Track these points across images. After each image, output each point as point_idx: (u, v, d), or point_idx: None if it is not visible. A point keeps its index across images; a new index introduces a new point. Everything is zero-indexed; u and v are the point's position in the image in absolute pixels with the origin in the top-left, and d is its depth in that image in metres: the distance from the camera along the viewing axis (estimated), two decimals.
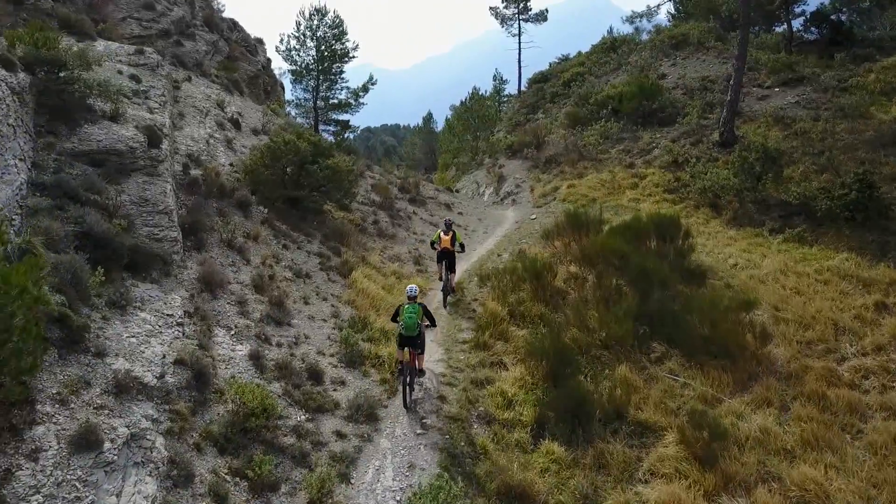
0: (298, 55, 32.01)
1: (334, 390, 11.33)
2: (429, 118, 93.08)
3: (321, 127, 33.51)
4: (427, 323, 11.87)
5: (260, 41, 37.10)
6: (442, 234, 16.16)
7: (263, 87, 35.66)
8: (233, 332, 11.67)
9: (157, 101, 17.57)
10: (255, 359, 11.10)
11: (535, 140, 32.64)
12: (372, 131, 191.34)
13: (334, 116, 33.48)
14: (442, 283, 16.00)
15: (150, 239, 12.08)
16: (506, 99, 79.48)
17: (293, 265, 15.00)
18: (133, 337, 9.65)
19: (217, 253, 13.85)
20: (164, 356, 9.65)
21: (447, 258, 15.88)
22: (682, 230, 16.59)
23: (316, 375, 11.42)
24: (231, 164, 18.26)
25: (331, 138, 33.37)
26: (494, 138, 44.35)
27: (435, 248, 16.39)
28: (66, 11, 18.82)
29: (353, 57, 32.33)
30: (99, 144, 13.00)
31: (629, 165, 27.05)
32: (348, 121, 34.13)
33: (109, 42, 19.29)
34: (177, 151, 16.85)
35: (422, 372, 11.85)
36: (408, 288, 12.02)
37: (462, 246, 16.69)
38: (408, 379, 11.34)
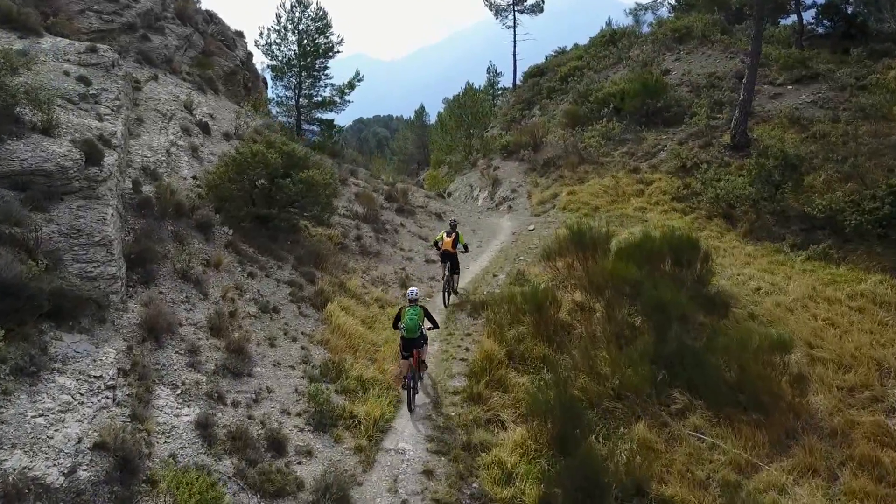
0: (279, 50, 29.95)
1: (298, 463, 9.44)
2: (421, 111, 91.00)
3: (304, 127, 31.45)
4: (429, 325, 11.92)
5: (240, 34, 34.91)
6: (445, 235, 16.11)
7: (243, 83, 33.57)
8: (179, 392, 9.76)
9: (109, 106, 15.57)
10: (204, 427, 9.19)
11: (532, 140, 30.71)
12: (364, 122, 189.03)
13: (318, 115, 31.38)
14: (444, 281, 16.04)
15: (81, 278, 10.13)
16: (500, 92, 77.58)
17: (259, 297, 13.08)
18: (42, 416, 7.75)
19: (169, 287, 11.92)
20: (79, 440, 7.75)
21: (450, 259, 15.91)
22: (700, 252, 14.72)
23: (277, 445, 9.54)
24: (195, 178, 16.29)
25: (314, 139, 31.29)
26: (488, 135, 42.43)
27: (438, 248, 16.32)
28: (7, 3, 16.73)
29: (338, 52, 30.31)
30: (23, 164, 11.01)
31: (633, 170, 25.18)
32: (333, 120, 32.05)
33: (58, 39, 17.22)
34: (130, 164, 14.87)
35: (424, 365, 12.08)
36: (409, 290, 12.30)
37: (465, 247, 16.76)
38: (411, 382, 11.37)
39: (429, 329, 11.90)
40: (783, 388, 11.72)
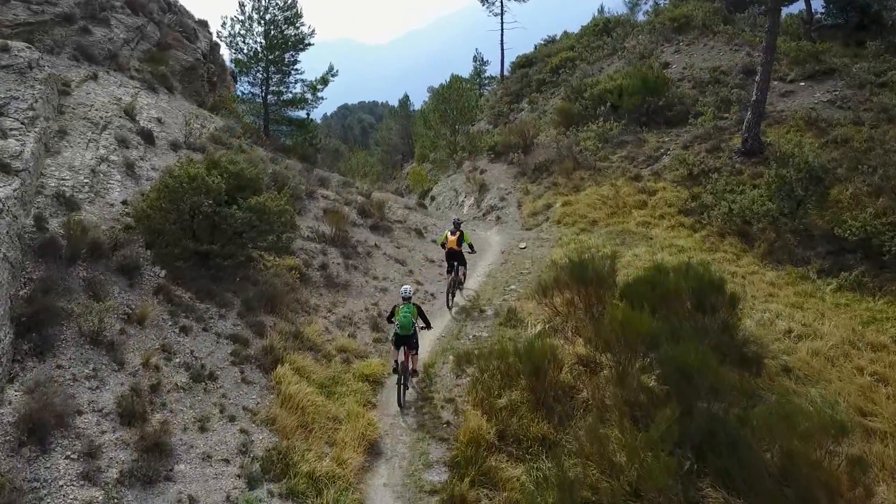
0: (244, 42, 27.17)
1: None
2: (405, 101, 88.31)
3: (273, 127, 28.69)
4: (422, 325, 12.12)
5: (203, 24, 32.02)
6: (449, 234, 15.89)
7: (208, 77, 30.76)
8: None
9: (18, 119, 12.97)
10: None
11: (521, 141, 28.26)
12: (349, 109, 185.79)
13: (288, 114, 28.59)
14: (449, 280, 15.77)
15: None
16: (487, 81, 74.92)
17: (192, 361, 10.60)
18: None
19: (71, 358, 9.42)
20: None
21: (455, 258, 15.72)
22: (726, 296, 12.38)
23: None
24: (125, 203, 13.70)
25: (284, 140, 28.53)
26: (475, 130, 39.91)
27: (444, 248, 16.06)
28: None
29: (310, 44, 27.53)
30: None
31: (634, 177, 22.81)
32: (310, 117, 29.17)
33: None
34: (41, 191, 12.29)
35: (415, 372, 12.02)
36: (402, 288, 12.34)
37: (471, 246, 16.52)
38: (402, 379, 11.48)
39: (421, 328, 12.10)
40: (840, 478, 9.44)
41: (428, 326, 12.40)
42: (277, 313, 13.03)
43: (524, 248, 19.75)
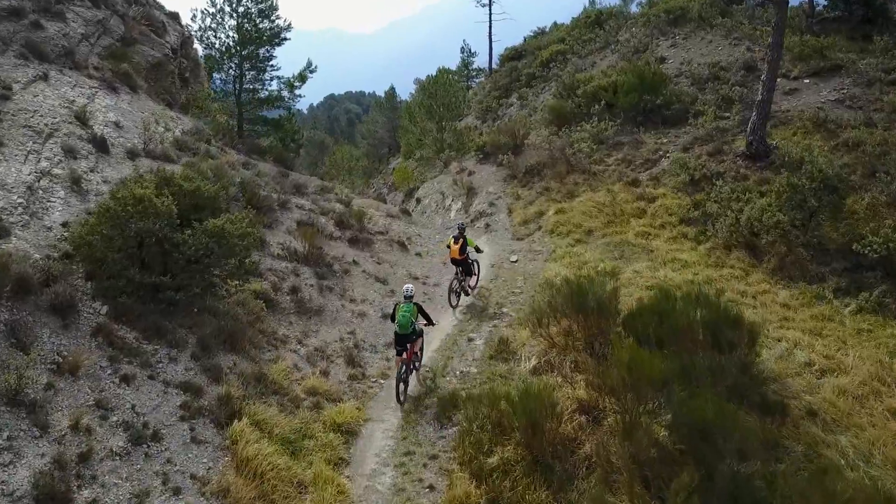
0: (215, 36, 25.45)
1: None
2: (392, 93, 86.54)
3: (248, 127, 26.99)
4: (423, 322, 12.24)
5: (174, 16, 30.10)
6: (452, 241, 15.68)
7: (180, 73, 29.02)
8: None
9: None
10: None
11: (511, 141, 26.75)
12: (335, 99, 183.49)
13: (264, 114, 26.87)
14: (452, 283, 15.66)
15: None
16: (475, 73, 73.26)
17: (133, 419, 9.10)
18: None
19: None
20: None
21: (460, 265, 15.64)
22: (745, 331, 11.01)
23: None
24: (65, 225, 12.12)
25: (258, 140, 26.84)
26: (462, 125, 38.39)
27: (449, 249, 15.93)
28: None
29: (286, 39, 25.81)
30: None
31: (632, 182, 21.40)
32: (280, 119, 27.27)
33: None
34: None
35: (416, 355, 12.30)
36: (404, 287, 12.42)
37: (477, 248, 16.50)
38: (403, 375, 11.62)
39: (424, 325, 12.32)
40: None
41: (430, 323, 12.50)
42: (239, 350, 11.54)
43: (515, 262, 18.34)
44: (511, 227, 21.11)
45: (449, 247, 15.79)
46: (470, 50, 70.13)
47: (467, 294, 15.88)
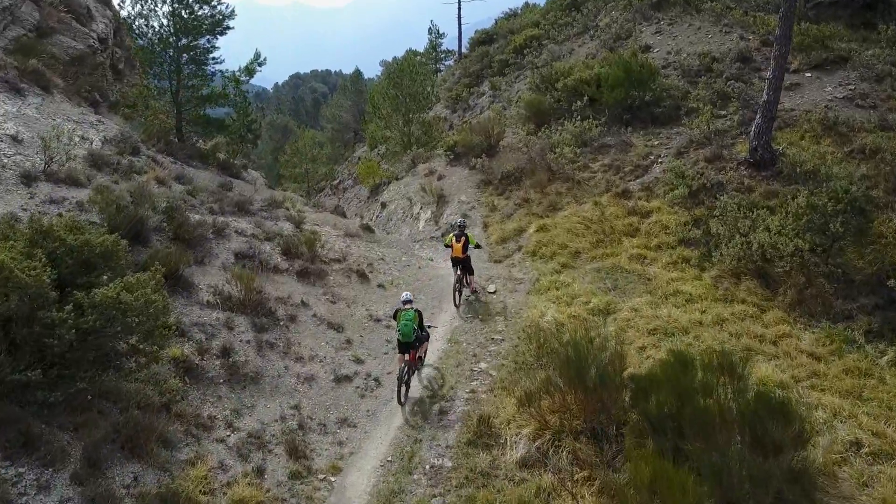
0: (147, 25, 22.25)
1: None
2: (357, 76, 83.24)
3: (190, 129, 23.86)
4: (426, 330, 12.13)
5: (105, 1, 26.84)
6: (454, 239, 15.26)
7: (112, 65, 25.79)
8: None
9: None
10: None
11: (485, 141, 24.17)
12: (301, 78, 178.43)
13: (207, 113, 23.71)
14: (454, 281, 15.32)
15: None
16: (444, 55, 70.17)
17: None
18: None
19: None
20: None
21: (461, 263, 15.22)
22: (795, 424, 8.67)
23: None
24: None
25: (198, 143, 23.76)
26: (431, 116, 35.67)
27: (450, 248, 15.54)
28: None
29: (229, 27, 22.72)
30: None
31: (622, 193, 19.02)
32: (224, 120, 23.95)
33: None
34: None
35: (420, 359, 12.14)
36: (403, 294, 12.29)
37: (477, 245, 16.05)
38: (405, 377, 11.53)
39: (428, 327, 12.36)
40: None
41: (430, 327, 12.53)
42: (143, 455, 8.86)
43: (494, 293, 15.87)
44: (487, 246, 18.58)
45: (449, 245, 15.37)
46: (438, 31, 67.12)
47: (473, 292, 15.71)
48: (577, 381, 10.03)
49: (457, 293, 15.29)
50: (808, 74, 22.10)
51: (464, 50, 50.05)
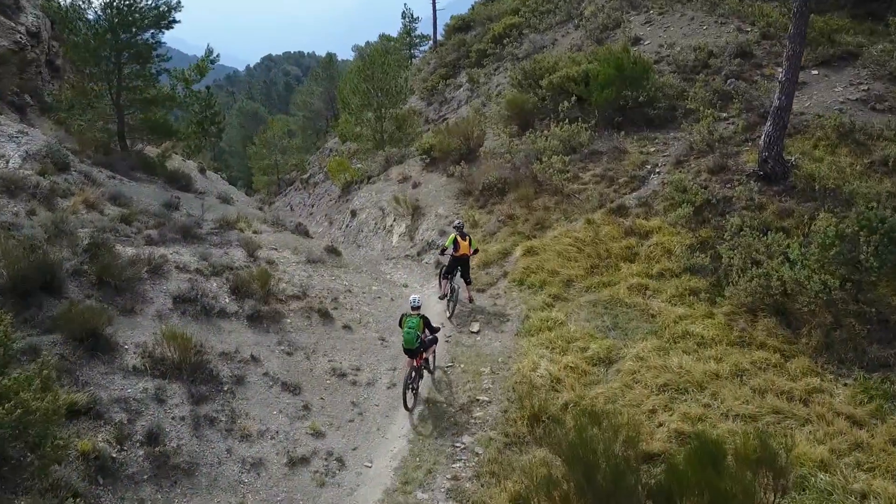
0: (80, 18, 19.61)
1: None
2: (329, 60, 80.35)
3: (135, 135, 21.29)
4: (429, 336, 11.75)
5: None
6: (459, 237, 14.63)
7: (49, 62, 23.14)
8: None
9: None
10: None
11: (464, 145, 22.07)
12: (273, 60, 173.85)
13: (153, 116, 21.01)
14: (445, 292, 14.93)
15: None
16: (418, 40, 67.49)
17: None
18: None
19: None
20: None
21: (464, 264, 14.75)
22: None
23: None
24: None
25: (146, 150, 21.19)
26: (406, 109, 33.39)
27: (446, 255, 14.91)
28: None
29: (175, 21, 20.20)
30: None
31: (617, 210, 17.07)
32: (173, 126, 21.18)
33: None
34: None
35: (426, 361, 12.08)
36: (411, 298, 12.02)
37: (476, 250, 15.44)
38: (411, 382, 11.33)
39: (437, 326, 12.11)
40: None
41: (435, 330, 12.05)
42: None
43: (477, 334, 13.88)
44: (469, 271, 16.51)
45: (448, 247, 14.70)
46: (412, 15, 64.46)
47: (471, 301, 15.00)
48: (584, 483, 8.10)
49: (452, 304, 14.65)
50: (815, 72, 20.26)
51: (439, 37, 47.65)
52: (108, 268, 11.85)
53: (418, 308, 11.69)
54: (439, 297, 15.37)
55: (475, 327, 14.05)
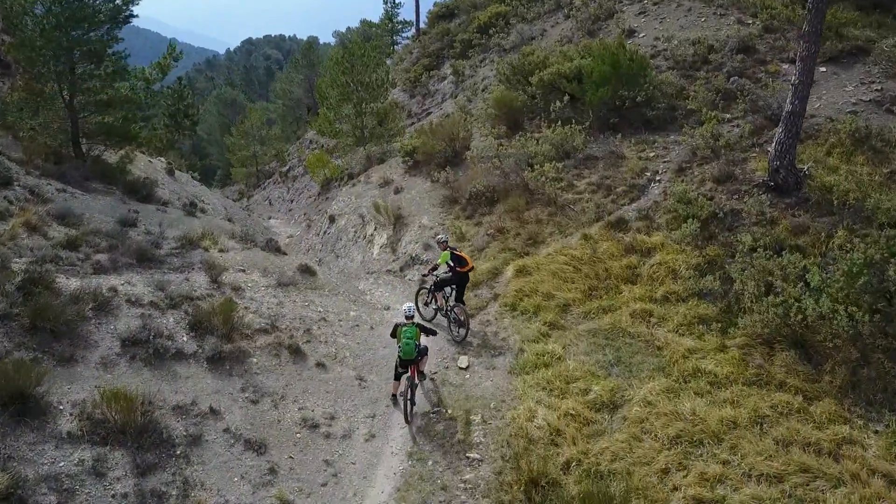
0: (27, 12, 17.79)
1: None
2: (309, 46, 78.36)
3: (91, 141, 19.53)
4: (427, 339, 11.77)
5: None
6: (458, 252, 13.77)
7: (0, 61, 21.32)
8: None
9: None
10: None
11: (449, 148, 20.62)
12: (253, 43, 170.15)
13: (110, 120, 19.21)
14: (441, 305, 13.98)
15: None
16: (400, 26, 65.62)
17: None
18: None
19: None
20: None
21: (464, 282, 13.88)
22: None
23: None
24: None
25: (104, 155, 19.46)
26: (388, 103, 31.82)
27: (438, 273, 14.09)
28: None
29: (132, 15, 18.41)
30: None
31: (616, 223, 15.76)
32: (131, 129, 19.37)
33: None
34: None
35: (422, 374, 11.86)
36: (404, 307, 11.84)
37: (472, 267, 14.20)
38: (409, 395, 11.11)
39: (429, 334, 11.81)
40: None
41: (433, 334, 11.92)
42: None
43: (466, 371, 12.54)
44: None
45: (458, 258, 13.69)
46: (394, 0, 62.60)
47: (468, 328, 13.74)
48: None
49: (453, 325, 13.74)
50: (823, 69, 18.99)
51: (422, 24, 45.87)
52: (43, 309, 10.33)
53: (412, 317, 11.48)
54: (434, 310, 14.32)
55: (464, 362, 12.70)
